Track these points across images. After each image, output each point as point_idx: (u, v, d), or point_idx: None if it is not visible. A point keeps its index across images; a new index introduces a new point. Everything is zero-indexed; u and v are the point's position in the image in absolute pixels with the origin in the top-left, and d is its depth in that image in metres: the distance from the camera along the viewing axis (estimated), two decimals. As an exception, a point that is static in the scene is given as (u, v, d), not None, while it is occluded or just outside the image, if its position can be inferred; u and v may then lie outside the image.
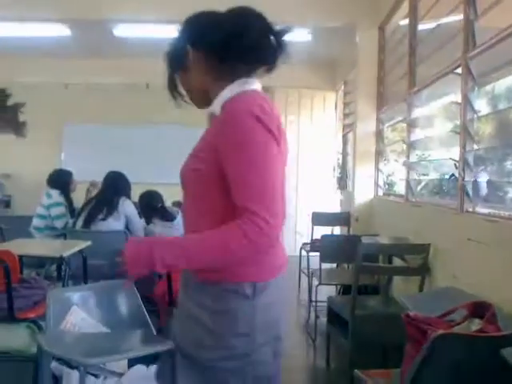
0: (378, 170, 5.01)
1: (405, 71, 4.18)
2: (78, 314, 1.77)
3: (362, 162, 5.09)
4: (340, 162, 6.99)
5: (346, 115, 6.60)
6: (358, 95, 5.24)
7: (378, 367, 2.41)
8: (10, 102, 7.94)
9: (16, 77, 7.31)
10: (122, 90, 7.33)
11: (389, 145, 5.00)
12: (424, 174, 4.22)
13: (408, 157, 4.03)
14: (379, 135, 5.03)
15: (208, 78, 1.35)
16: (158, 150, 7.26)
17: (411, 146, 4.02)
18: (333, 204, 6.85)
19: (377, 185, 5.01)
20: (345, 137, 6.65)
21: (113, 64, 7.07)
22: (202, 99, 1.39)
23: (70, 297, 1.77)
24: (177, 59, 1.38)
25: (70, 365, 1.70)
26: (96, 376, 1.64)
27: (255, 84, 1.34)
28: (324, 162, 7.27)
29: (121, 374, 1.90)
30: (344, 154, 6.70)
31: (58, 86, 7.45)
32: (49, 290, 2.90)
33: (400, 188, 4.71)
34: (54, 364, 1.72)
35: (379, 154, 5.03)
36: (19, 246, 3.32)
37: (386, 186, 5.17)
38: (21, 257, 2.94)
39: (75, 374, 1.64)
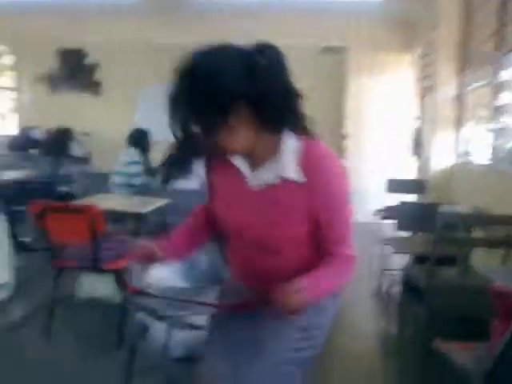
0: (458, 136, 4.77)
1: (492, 31, 3.89)
2: (159, 267, 1.84)
3: (441, 127, 4.87)
4: (417, 127, 6.72)
5: (423, 78, 6.28)
6: (438, 57, 4.96)
7: (453, 338, 2.36)
8: (86, 62, 8.21)
9: (91, 37, 7.49)
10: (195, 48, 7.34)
11: (471, 110, 4.73)
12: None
13: (493, 122, 3.80)
14: (460, 100, 4.76)
15: (254, 133, 1.24)
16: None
17: (497, 110, 3.77)
18: (408, 171, 6.63)
19: (456, 151, 4.79)
20: (422, 101, 6.35)
21: (186, 23, 7.07)
22: (244, 152, 1.30)
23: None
24: (216, 115, 1.18)
25: (155, 317, 1.78)
26: (180, 328, 1.71)
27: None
28: (399, 127, 7.00)
29: (203, 327, 1.95)
30: (421, 118, 6.42)
31: (132, 46, 7.59)
32: (130, 244, 3.05)
33: (482, 156, 4.47)
34: (140, 315, 1.81)
35: (460, 120, 4.77)
36: (101, 201, 3.49)
37: (467, 153, 4.93)
38: (103, 212, 3.08)
39: (161, 326, 1.71)
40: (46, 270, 3.30)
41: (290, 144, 1.27)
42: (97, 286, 3.27)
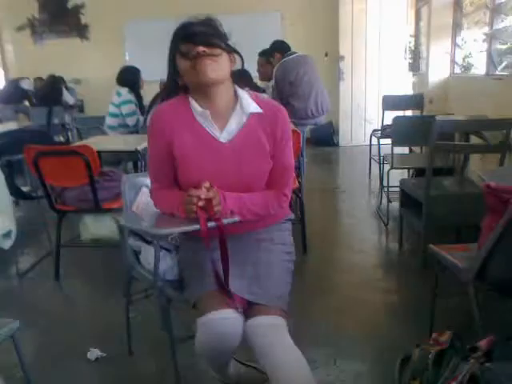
0: (455, 44, 4.61)
1: None
2: (148, 194, 1.85)
3: (438, 37, 4.70)
4: (412, 42, 6.50)
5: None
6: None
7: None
8: (70, 4, 7.90)
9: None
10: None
11: (468, 14, 4.53)
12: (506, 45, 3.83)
13: (491, 25, 3.65)
14: (457, 4, 4.55)
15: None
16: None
17: (496, 10, 3.60)
18: (404, 89, 6.50)
19: (453, 62, 4.64)
20: (418, 12, 6.10)
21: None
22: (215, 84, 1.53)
23: (143, 181, 1.84)
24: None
25: (146, 241, 1.82)
26: (169, 251, 1.75)
27: None
28: (394, 45, 6.78)
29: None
30: (417, 32, 6.20)
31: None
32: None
33: (479, 64, 4.33)
34: (131, 240, 1.84)
35: (457, 27, 4.59)
36: (96, 143, 3.45)
37: (463, 68, 4.78)
38: (98, 153, 3.06)
39: (151, 249, 1.74)
40: (47, 217, 3.36)
41: (243, 92, 1.56)
42: (99, 227, 3.30)
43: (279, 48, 4.37)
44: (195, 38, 1.45)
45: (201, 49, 1.42)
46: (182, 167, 1.52)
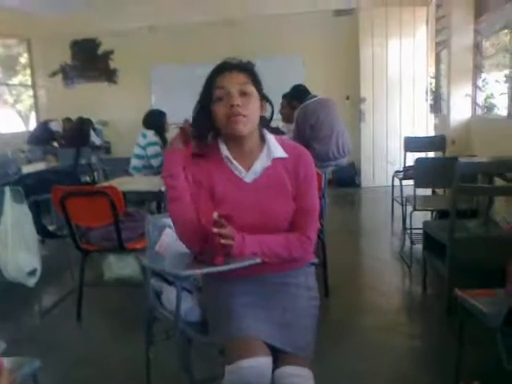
0: (475, 86, 4.63)
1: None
2: (172, 235, 1.88)
3: (458, 79, 4.73)
4: (433, 84, 6.56)
5: (438, 31, 6.09)
6: (453, 4, 4.78)
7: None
8: (101, 51, 8.26)
9: (104, 25, 7.54)
10: (206, 27, 7.28)
11: (488, 57, 4.57)
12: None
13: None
14: (477, 48, 4.60)
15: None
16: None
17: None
18: (426, 130, 6.51)
19: (475, 103, 4.65)
20: (438, 55, 6.18)
21: (195, 2, 7.02)
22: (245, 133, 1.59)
23: (167, 222, 1.87)
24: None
25: (168, 281, 1.83)
26: (190, 292, 1.75)
27: None
28: (415, 87, 6.85)
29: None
30: (437, 74, 6.25)
31: (142, 30, 7.59)
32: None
33: (501, 106, 4.33)
34: (153, 280, 1.86)
35: (477, 69, 4.62)
36: (121, 184, 3.53)
37: (485, 109, 4.78)
38: (123, 194, 3.12)
39: (173, 290, 1.75)
40: (72, 256, 3.41)
41: (269, 135, 1.63)
42: (122, 266, 3.33)
43: (296, 97, 4.44)
44: (233, 67, 1.56)
45: (235, 102, 1.50)
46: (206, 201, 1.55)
